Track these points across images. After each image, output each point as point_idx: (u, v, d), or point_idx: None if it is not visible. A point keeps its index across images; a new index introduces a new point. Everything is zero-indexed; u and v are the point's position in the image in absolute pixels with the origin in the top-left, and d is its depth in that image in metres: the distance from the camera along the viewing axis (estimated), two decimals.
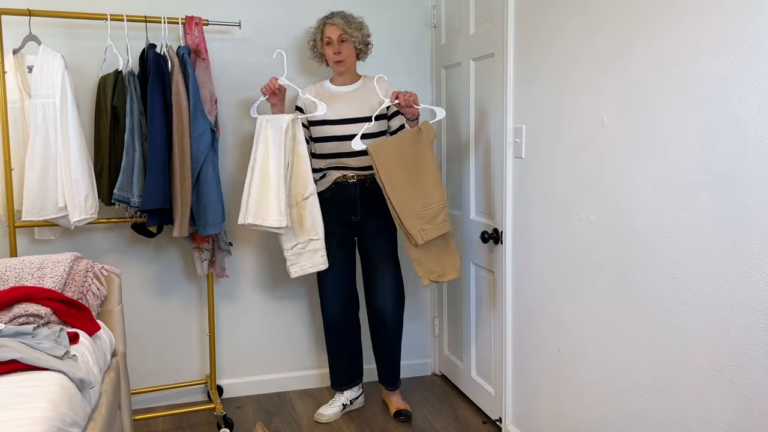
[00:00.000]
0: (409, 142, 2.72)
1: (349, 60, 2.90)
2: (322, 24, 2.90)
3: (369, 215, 2.93)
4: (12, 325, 2.00)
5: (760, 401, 1.54)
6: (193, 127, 2.70)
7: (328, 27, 2.87)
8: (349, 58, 2.89)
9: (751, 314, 1.56)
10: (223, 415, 2.88)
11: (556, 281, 2.36)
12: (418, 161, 2.73)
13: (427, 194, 2.73)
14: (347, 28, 2.84)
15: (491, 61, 2.77)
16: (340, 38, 2.85)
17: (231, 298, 3.28)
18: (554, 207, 2.35)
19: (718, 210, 1.63)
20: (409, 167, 2.71)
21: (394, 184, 2.68)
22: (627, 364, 2.00)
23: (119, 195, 2.66)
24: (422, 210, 2.72)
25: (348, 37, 2.85)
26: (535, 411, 2.56)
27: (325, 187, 2.94)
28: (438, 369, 3.59)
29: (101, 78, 2.77)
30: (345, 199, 2.91)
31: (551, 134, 2.35)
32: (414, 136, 2.73)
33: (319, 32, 2.91)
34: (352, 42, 2.88)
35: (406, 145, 2.71)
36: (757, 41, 1.50)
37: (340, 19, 2.85)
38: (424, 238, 2.71)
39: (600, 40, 2.06)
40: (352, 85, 2.96)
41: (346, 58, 2.88)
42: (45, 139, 2.60)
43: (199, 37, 2.82)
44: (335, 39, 2.86)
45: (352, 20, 2.87)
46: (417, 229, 2.70)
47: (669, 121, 1.78)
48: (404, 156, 2.70)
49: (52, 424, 1.52)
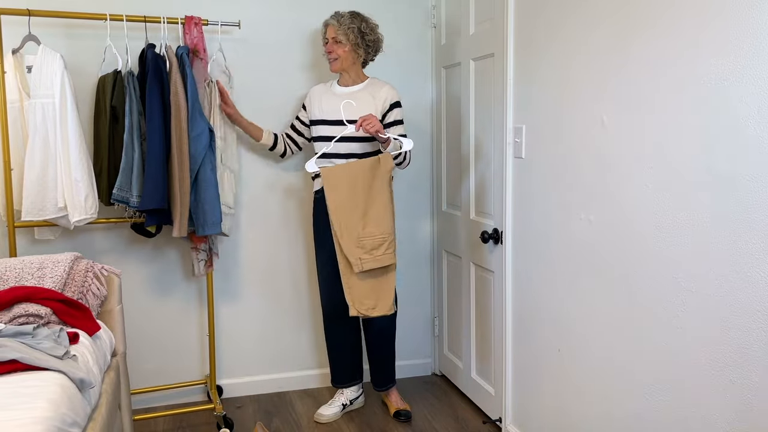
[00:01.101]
0: (364, 170, 2.75)
1: (344, 61, 2.91)
2: (324, 24, 2.95)
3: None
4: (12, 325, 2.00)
5: (760, 401, 1.54)
6: (192, 127, 2.70)
7: (327, 27, 2.93)
8: (344, 59, 2.90)
9: (751, 314, 1.56)
10: (223, 415, 2.88)
11: (556, 281, 2.36)
12: (370, 190, 2.76)
13: (372, 224, 2.75)
14: (338, 29, 2.86)
15: (491, 61, 2.77)
16: (334, 39, 2.89)
17: (231, 298, 3.28)
18: (554, 207, 2.35)
19: (718, 210, 1.63)
20: (357, 194, 2.74)
21: (338, 208, 2.73)
22: (627, 364, 2.00)
23: (118, 195, 2.66)
24: (363, 239, 2.74)
25: (340, 37, 2.87)
26: (535, 411, 2.56)
27: (321, 186, 2.95)
28: (438, 369, 3.59)
29: (100, 78, 2.76)
30: None
31: (551, 134, 2.35)
32: (371, 165, 2.76)
33: (322, 34, 2.97)
34: (348, 43, 2.88)
35: (360, 172, 2.74)
36: (758, 41, 1.50)
37: (335, 20, 2.89)
38: (362, 267, 2.74)
39: (600, 40, 2.06)
40: (354, 87, 2.96)
41: (338, 57, 2.90)
42: (44, 139, 2.60)
43: (197, 37, 2.82)
44: (329, 39, 2.91)
45: (345, 21, 2.87)
46: (355, 257, 2.74)
47: (669, 121, 1.78)
48: (355, 182, 2.74)
49: (52, 424, 1.52)
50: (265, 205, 3.28)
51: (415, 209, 3.50)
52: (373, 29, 2.92)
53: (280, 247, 3.32)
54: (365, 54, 2.95)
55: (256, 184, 3.25)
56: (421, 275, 3.55)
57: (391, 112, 2.90)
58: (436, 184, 3.47)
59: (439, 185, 3.42)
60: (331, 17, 2.91)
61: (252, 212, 3.26)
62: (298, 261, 3.36)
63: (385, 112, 2.90)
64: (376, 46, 2.96)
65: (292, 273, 3.36)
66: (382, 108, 2.90)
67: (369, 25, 2.92)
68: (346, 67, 2.93)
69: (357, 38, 2.88)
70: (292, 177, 3.30)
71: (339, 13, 2.90)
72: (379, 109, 2.90)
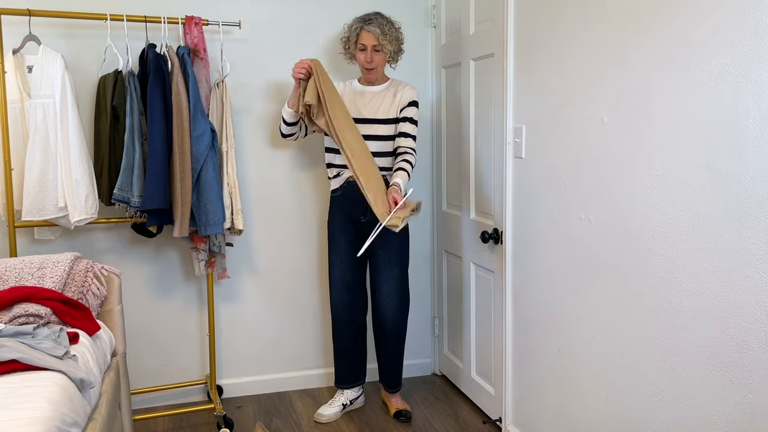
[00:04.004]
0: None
1: (380, 68, 2.91)
2: (359, 27, 2.85)
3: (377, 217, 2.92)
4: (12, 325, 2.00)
5: (760, 401, 1.54)
6: (193, 127, 2.70)
7: (364, 33, 2.82)
8: (380, 66, 2.90)
9: (751, 314, 1.56)
10: (223, 415, 2.88)
11: (556, 281, 2.36)
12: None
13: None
14: (383, 38, 2.81)
15: (491, 61, 2.77)
16: (374, 48, 2.83)
17: (231, 298, 3.28)
18: (554, 207, 2.35)
19: (719, 210, 1.63)
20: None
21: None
22: (627, 364, 2.00)
23: (119, 195, 2.66)
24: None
25: (382, 48, 2.84)
26: (535, 411, 2.56)
27: (338, 186, 2.95)
28: (438, 369, 3.59)
29: (101, 78, 2.77)
30: (355, 199, 2.91)
31: (551, 134, 2.35)
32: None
33: (354, 35, 2.87)
34: (386, 52, 2.87)
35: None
36: (758, 40, 1.50)
37: (378, 28, 2.80)
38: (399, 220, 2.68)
39: (600, 40, 2.06)
40: (377, 86, 2.96)
41: (377, 66, 2.88)
42: (45, 139, 2.60)
43: (198, 37, 2.82)
44: (369, 47, 2.83)
45: (389, 30, 2.82)
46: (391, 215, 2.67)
47: (669, 121, 1.78)
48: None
49: (52, 424, 1.52)
50: (266, 205, 3.28)
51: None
52: (402, 33, 2.93)
53: (280, 247, 3.32)
54: (395, 60, 2.96)
55: (258, 184, 3.25)
56: (421, 275, 3.55)
57: (407, 108, 2.90)
58: (436, 184, 3.47)
59: (439, 185, 3.42)
60: (370, 24, 2.80)
61: (252, 212, 3.26)
62: (298, 261, 3.36)
63: (403, 107, 2.91)
64: (403, 50, 2.97)
65: (292, 273, 3.36)
66: (401, 104, 2.91)
67: (400, 30, 2.91)
68: (380, 71, 2.94)
69: (396, 46, 2.89)
70: (295, 177, 3.30)
71: (378, 21, 2.82)
72: (398, 106, 2.91)
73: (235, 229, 2.91)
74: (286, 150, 3.28)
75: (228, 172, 2.87)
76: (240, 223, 2.89)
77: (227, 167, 2.87)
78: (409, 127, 2.90)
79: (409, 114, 2.91)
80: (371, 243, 2.91)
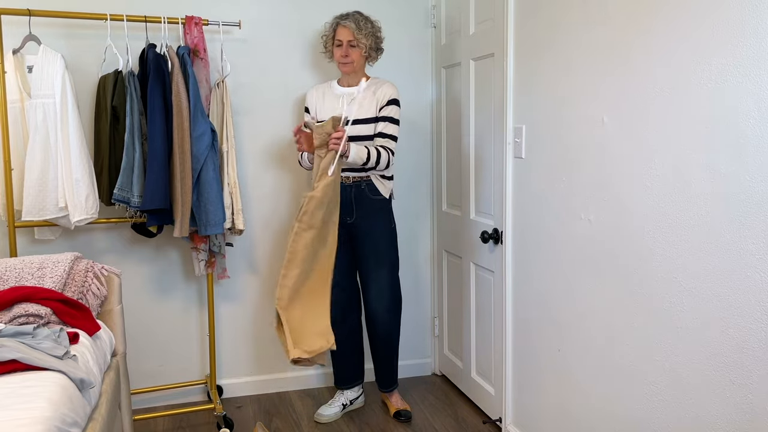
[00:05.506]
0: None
1: (356, 63, 2.89)
2: (335, 24, 2.88)
3: (363, 218, 2.92)
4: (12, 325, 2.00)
5: (760, 401, 1.54)
6: (194, 127, 2.70)
7: (340, 29, 2.85)
8: (357, 61, 2.89)
9: (751, 314, 1.56)
10: (223, 415, 2.88)
11: (556, 281, 2.36)
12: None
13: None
14: (357, 33, 2.82)
15: (491, 61, 2.77)
16: (350, 43, 2.84)
17: (231, 298, 3.28)
18: (554, 207, 2.35)
19: (719, 210, 1.63)
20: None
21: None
22: (627, 364, 2.00)
23: (119, 195, 2.66)
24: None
25: (357, 42, 2.84)
26: (535, 411, 2.56)
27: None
28: (438, 369, 3.59)
29: (101, 78, 2.77)
30: (341, 200, 2.91)
31: (551, 134, 2.35)
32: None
33: (331, 31, 2.90)
34: (365, 47, 2.86)
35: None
36: (758, 40, 1.50)
37: (353, 23, 2.82)
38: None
39: (600, 40, 2.06)
40: (357, 87, 2.96)
41: (353, 61, 2.88)
42: (45, 139, 2.60)
43: (198, 37, 2.82)
44: (345, 42, 2.85)
45: (364, 26, 2.83)
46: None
47: (669, 121, 1.78)
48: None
49: (52, 424, 1.52)
50: (266, 206, 3.28)
51: (415, 209, 3.50)
52: (380, 31, 2.93)
53: (280, 247, 3.32)
54: (374, 58, 2.95)
55: (257, 185, 3.25)
56: (421, 275, 3.55)
57: (386, 107, 2.88)
58: (436, 184, 3.47)
59: (439, 185, 3.42)
60: (345, 19, 2.84)
61: (252, 213, 3.26)
62: None
63: (382, 106, 2.89)
64: (381, 49, 2.96)
65: None
66: (380, 103, 2.89)
67: (378, 27, 2.91)
68: (358, 69, 2.93)
69: (372, 42, 2.88)
70: (293, 179, 3.30)
71: (354, 16, 2.84)
72: (378, 105, 2.89)
73: (236, 229, 2.91)
74: (286, 150, 3.28)
75: (228, 172, 2.87)
76: (241, 223, 2.89)
77: (227, 167, 2.87)
78: (390, 128, 2.86)
79: (390, 113, 2.87)
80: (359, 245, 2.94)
